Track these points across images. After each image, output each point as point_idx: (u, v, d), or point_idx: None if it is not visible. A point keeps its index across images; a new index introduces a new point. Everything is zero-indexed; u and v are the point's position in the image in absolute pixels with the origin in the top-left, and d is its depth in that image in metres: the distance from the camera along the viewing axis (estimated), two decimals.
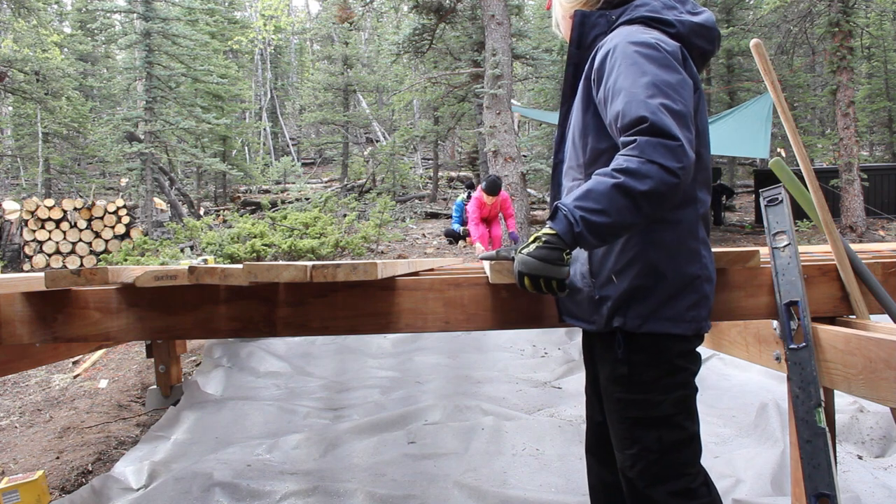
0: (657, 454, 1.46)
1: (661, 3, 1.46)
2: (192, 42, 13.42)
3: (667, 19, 1.43)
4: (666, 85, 1.30)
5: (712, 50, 1.51)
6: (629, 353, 1.45)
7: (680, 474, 1.48)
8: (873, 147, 19.83)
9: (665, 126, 1.24)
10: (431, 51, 13.31)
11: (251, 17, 27.14)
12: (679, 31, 1.43)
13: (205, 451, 3.19)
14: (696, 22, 1.46)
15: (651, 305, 1.41)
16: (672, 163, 1.22)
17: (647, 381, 1.45)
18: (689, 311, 1.42)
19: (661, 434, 1.46)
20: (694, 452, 1.53)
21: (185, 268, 1.80)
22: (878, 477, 2.57)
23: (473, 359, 4.63)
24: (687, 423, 1.49)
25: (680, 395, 1.47)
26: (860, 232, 10.17)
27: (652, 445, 1.46)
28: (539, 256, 1.31)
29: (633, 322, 1.42)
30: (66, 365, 4.86)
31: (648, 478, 1.47)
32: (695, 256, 1.42)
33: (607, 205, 1.24)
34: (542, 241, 1.31)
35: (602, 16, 1.49)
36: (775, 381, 3.62)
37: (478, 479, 2.71)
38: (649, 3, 1.46)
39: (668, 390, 1.45)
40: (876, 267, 1.94)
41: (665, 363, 1.45)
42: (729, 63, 15.44)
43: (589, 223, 1.26)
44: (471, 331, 2.49)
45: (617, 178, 1.24)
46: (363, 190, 16.05)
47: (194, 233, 9.65)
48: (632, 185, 1.23)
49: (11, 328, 1.97)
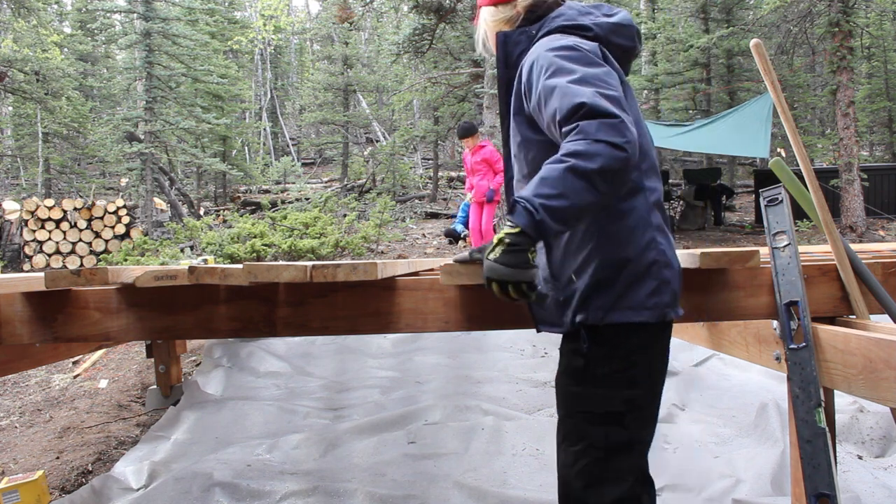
0: (602, 451, 1.44)
1: (577, 11, 1.53)
2: (192, 42, 13.41)
3: (583, 24, 1.50)
4: (593, 77, 1.35)
5: (633, 46, 1.56)
6: (589, 347, 1.45)
7: (620, 480, 1.45)
8: (873, 147, 19.83)
9: (603, 107, 1.28)
10: (431, 51, 13.31)
11: (251, 17, 27.13)
12: (597, 34, 1.49)
13: (205, 451, 3.19)
14: (613, 22, 1.52)
15: (611, 297, 1.42)
16: (617, 138, 1.25)
17: (601, 376, 1.45)
18: (651, 298, 1.42)
19: (608, 431, 1.44)
20: (638, 460, 1.49)
21: (185, 268, 1.80)
22: (878, 477, 2.57)
23: (473, 359, 4.62)
24: (635, 427, 1.46)
25: (632, 395, 1.45)
26: (860, 232, 10.17)
27: (598, 443, 1.44)
28: (505, 262, 1.30)
29: (594, 315, 1.43)
30: (66, 365, 4.86)
31: (587, 478, 1.45)
32: (650, 244, 1.43)
33: (563, 188, 1.26)
34: (507, 244, 1.30)
35: (522, 33, 1.54)
36: (775, 381, 3.61)
37: (478, 479, 2.71)
38: (565, 13, 1.53)
39: (621, 387, 1.44)
40: (876, 267, 1.94)
41: (622, 357, 1.44)
42: (729, 63, 15.45)
43: (549, 209, 1.27)
44: (471, 331, 2.49)
45: (567, 161, 1.26)
46: (363, 190, 16.05)
47: (194, 233, 9.65)
48: (583, 166, 1.25)
49: (11, 328, 1.97)
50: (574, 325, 1.46)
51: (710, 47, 14.27)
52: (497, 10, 1.61)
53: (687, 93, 15.21)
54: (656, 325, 1.45)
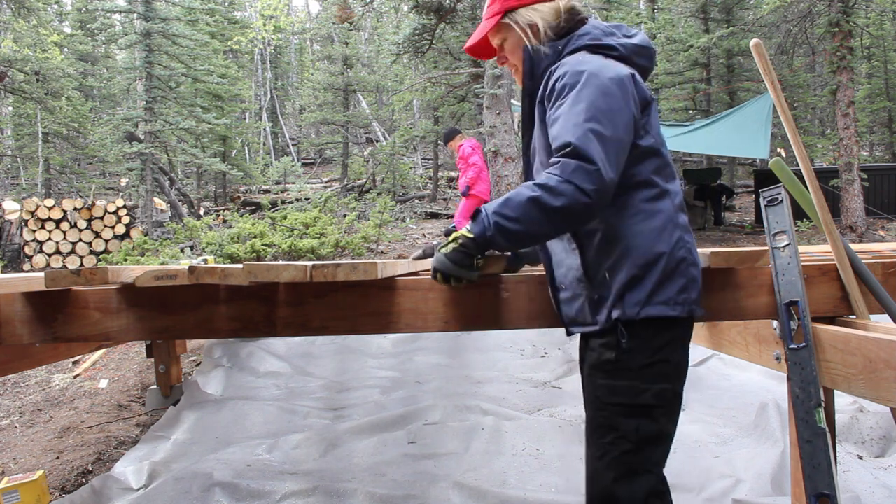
0: (633, 444, 1.48)
1: (602, 31, 1.59)
2: (192, 42, 13.41)
3: (609, 44, 1.55)
4: (598, 111, 1.41)
5: (652, 67, 1.65)
6: (620, 340, 1.48)
7: (649, 473, 1.49)
8: (873, 147, 19.83)
9: (586, 151, 1.37)
10: (431, 51, 13.30)
11: (251, 17, 27.14)
12: (622, 54, 1.55)
13: (205, 451, 3.19)
14: (635, 43, 1.59)
15: (645, 292, 1.47)
16: (587, 185, 1.36)
17: (633, 368, 1.48)
18: (681, 294, 1.48)
19: (639, 424, 1.48)
20: (664, 454, 1.54)
21: (185, 268, 1.80)
22: (878, 477, 2.57)
23: (473, 359, 4.63)
24: (663, 420, 1.51)
25: (662, 388, 1.49)
26: (860, 232, 10.17)
27: (629, 435, 1.48)
28: (452, 259, 1.52)
29: (631, 310, 1.47)
30: (66, 365, 4.86)
31: (617, 469, 1.48)
32: (679, 242, 1.50)
33: (521, 214, 1.41)
34: (458, 244, 1.51)
35: (551, 47, 1.59)
36: (775, 381, 3.61)
37: (478, 479, 2.71)
38: (591, 32, 1.58)
39: (651, 380, 1.48)
40: (876, 267, 1.94)
41: (654, 351, 1.48)
42: (729, 63, 15.45)
43: (501, 228, 1.43)
44: (471, 331, 2.49)
45: (535, 191, 1.39)
46: (363, 190, 16.04)
47: (194, 233, 9.65)
48: (546, 200, 1.38)
49: (11, 328, 1.97)
50: (609, 321, 1.50)
51: (710, 47, 14.28)
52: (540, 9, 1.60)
53: (687, 93, 15.22)
54: (685, 320, 1.51)
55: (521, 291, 1.86)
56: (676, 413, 1.55)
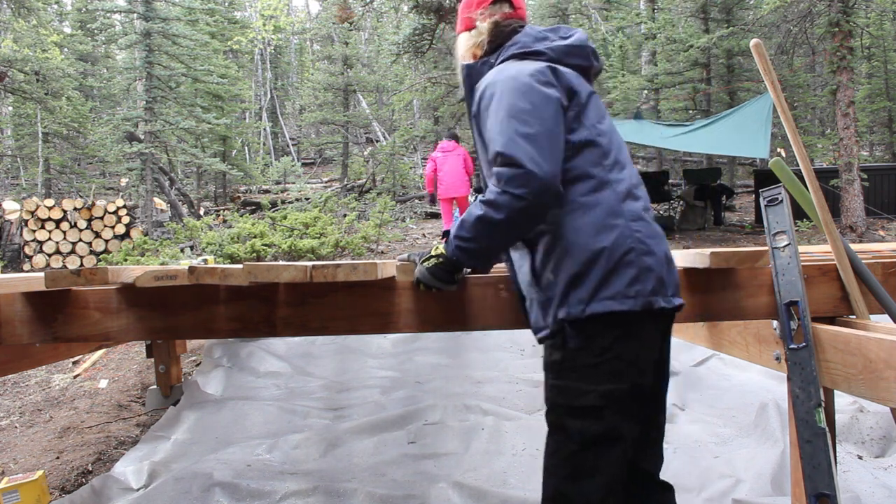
0: (578, 445, 1.47)
1: (532, 37, 1.62)
2: (192, 42, 13.41)
3: (536, 50, 1.59)
4: (519, 111, 1.46)
5: (591, 65, 1.65)
6: (567, 340, 1.47)
7: (600, 473, 1.45)
8: (873, 147, 19.83)
9: (513, 156, 1.42)
10: (431, 51, 13.31)
11: (251, 17, 27.12)
12: (550, 57, 1.58)
13: (205, 451, 3.19)
14: (566, 44, 1.61)
15: (588, 289, 1.44)
16: (519, 189, 1.41)
17: (577, 369, 1.47)
18: (632, 286, 1.43)
19: (584, 425, 1.46)
20: (622, 454, 1.48)
21: (185, 268, 1.80)
22: (878, 477, 2.57)
23: (473, 359, 4.62)
24: (615, 420, 1.46)
25: (609, 389, 1.45)
26: (860, 232, 10.16)
27: (575, 436, 1.47)
28: (433, 273, 1.63)
29: (575, 309, 1.45)
30: (66, 365, 4.86)
31: (566, 468, 1.48)
32: (623, 233, 1.46)
33: (474, 233, 1.50)
34: (439, 261, 1.62)
35: (484, 63, 1.66)
36: (775, 381, 3.61)
37: (478, 479, 2.71)
38: (520, 41, 1.62)
39: (596, 381, 1.45)
40: (876, 267, 1.94)
41: (600, 349, 1.45)
42: (729, 63, 15.44)
43: (462, 250, 1.54)
44: (471, 331, 2.49)
45: (480, 209, 1.47)
46: (363, 190, 16.04)
47: (194, 233, 9.64)
48: (490, 215, 1.45)
49: (11, 328, 1.97)
50: (557, 322, 1.48)
51: (710, 47, 14.26)
52: (469, 35, 1.73)
53: (687, 93, 15.20)
54: (640, 313, 1.44)
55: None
56: (634, 411, 1.49)
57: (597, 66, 1.66)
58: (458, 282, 1.66)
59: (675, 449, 2.97)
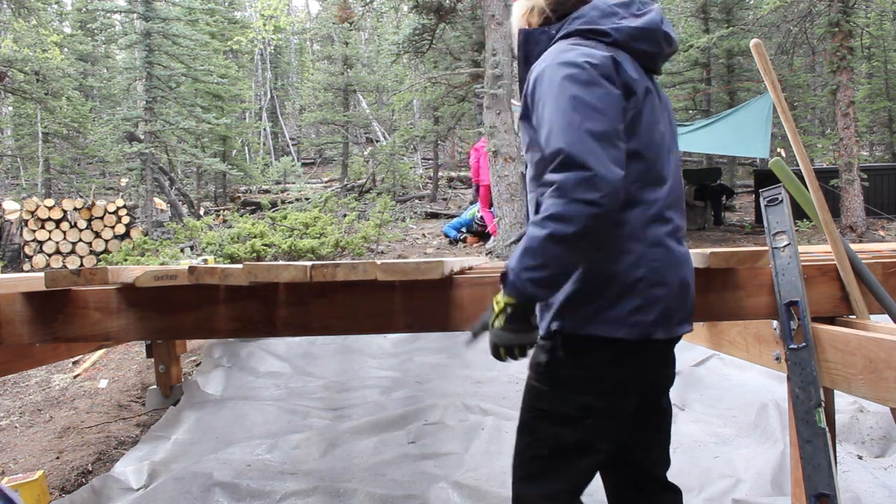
0: (547, 450, 1.44)
1: (599, 12, 1.45)
2: (193, 42, 13.40)
3: (602, 29, 1.42)
4: (585, 106, 1.31)
5: (659, 51, 1.49)
6: (555, 348, 1.44)
7: (558, 480, 1.44)
8: (873, 147, 19.82)
9: (578, 157, 1.26)
10: (431, 51, 13.30)
11: (251, 17, 27.13)
12: (615, 39, 1.42)
13: (205, 451, 3.19)
14: (635, 26, 1.44)
15: (592, 308, 1.39)
16: (592, 194, 1.24)
17: (561, 377, 1.44)
18: (632, 316, 1.37)
19: (559, 432, 1.44)
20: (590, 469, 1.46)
21: (185, 268, 1.81)
22: (878, 477, 2.57)
23: (473, 359, 4.62)
24: (590, 434, 1.43)
25: (588, 402, 1.42)
26: (860, 232, 10.16)
27: (546, 441, 1.44)
28: (509, 329, 1.37)
29: (571, 324, 1.41)
30: (66, 365, 4.86)
31: (527, 469, 1.46)
32: (640, 260, 1.38)
33: (545, 258, 1.28)
34: (509, 314, 1.36)
35: (543, 32, 1.49)
36: (775, 381, 3.61)
37: (478, 479, 2.71)
38: (586, 15, 1.45)
39: (578, 391, 1.42)
40: (876, 267, 1.94)
41: (586, 366, 1.42)
42: (729, 63, 15.43)
43: (534, 282, 1.30)
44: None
45: (546, 227, 1.27)
46: (363, 190, 16.03)
47: (194, 233, 9.64)
48: (561, 231, 1.25)
49: (11, 328, 1.97)
50: (549, 331, 1.45)
51: (710, 47, 14.26)
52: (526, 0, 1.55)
53: (687, 93, 15.20)
54: (635, 342, 1.39)
55: None
56: (609, 431, 1.45)
57: (667, 52, 1.51)
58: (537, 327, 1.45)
59: (675, 449, 2.95)
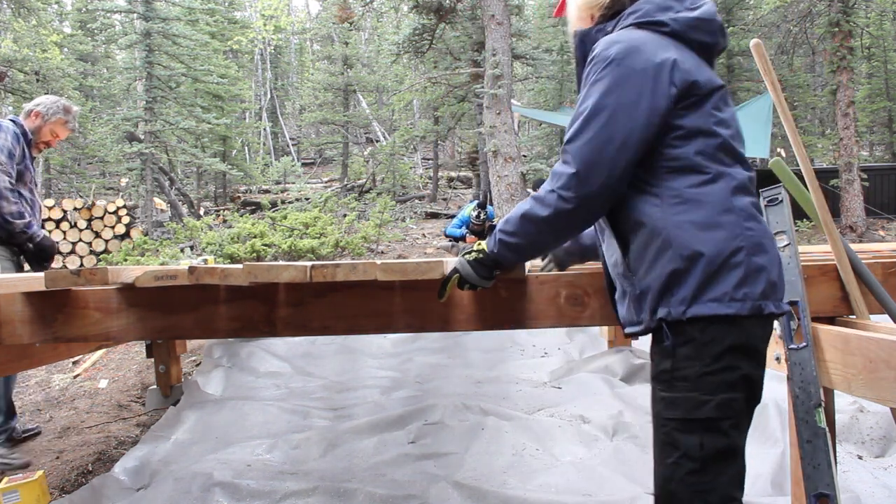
0: (698, 462, 1.34)
1: (655, 6, 1.45)
2: (193, 42, 13.41)
3: (659, 20, 1.43)
4: (610, 104, 1.36)
5: (715, 42, 1.49)
6: (675, 346, 1.35)
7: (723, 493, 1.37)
8: (873, 147, 19.83)
9: (577, 154, 1.37)
10: (431, 51, 13.31)
11: (251, 17, 27.13)
12: (673, 29, 1.42)
13: (205, 451, 3.19)
14: (693, 17, 1.45)
15: (691, 288, 1.32)
16: (567, 192, 1.38)
17: (691, 378, 1.34)
18: (740, 289, 1.31)
19: (703, 440, 1.34)
20: (738, 474, 1.42)
21: (185, 268, 1.80)
22: (878, 477, 2.57)
23: (473, 359, 4.62)
24: (733, 433, 1.37)
25: (727, 399, 1.34)
26: (860, 232, 10.16)
27: (693, 452, 1.34)
28: (473, 267, 1.58)
29: (676, 309, 1.33)
30: (66, 365, 4.86)
31: (688, 491, 1.36)
32: (732, 228, 1.33)
33: (518, 228, 1.48)
34: (480, 258, 1.57)
35: (599, 31, 1.51)
36: (775, 381, 3.60)
37: (478, 479, 2.71)
38: (641, 8, 1.46)
39: (713, 390, 1.33)
40: (876, 267, 1.94)
41: (710, 356, 1.33)
42: (729, 63, 15.42)
43: (503, 244, 1.51)
44: (471, 331, 2.49)
45: (527, 204, 1.45)
46: (363, 190, 16.03)
47: (194, 233, 9.64)
48: (535, 212, 1.43)
49: (11, 328, 1.97)
50: (654, 321, 1.38)
51: None
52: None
53: None
54: (749, 319, 1.32)
55: (521, 292, 1.87)
56: (747, 424, 1.42)
57: (722, 44, 1.51)
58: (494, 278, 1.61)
59: None
